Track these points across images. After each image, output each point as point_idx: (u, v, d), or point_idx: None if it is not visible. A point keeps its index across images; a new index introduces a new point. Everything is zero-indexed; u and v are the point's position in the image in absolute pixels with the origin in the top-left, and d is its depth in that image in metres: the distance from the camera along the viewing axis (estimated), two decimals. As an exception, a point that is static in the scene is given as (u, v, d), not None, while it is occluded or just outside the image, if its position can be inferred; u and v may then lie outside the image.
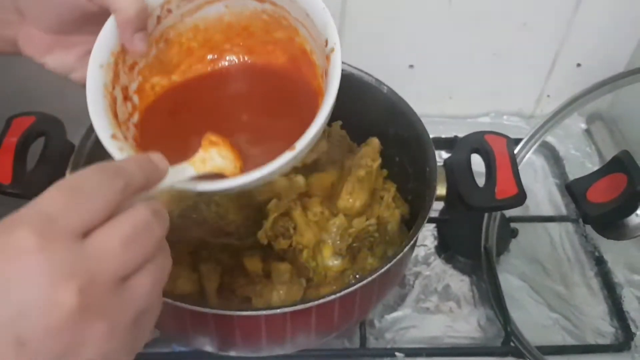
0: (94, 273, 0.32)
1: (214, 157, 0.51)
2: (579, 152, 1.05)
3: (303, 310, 0.59)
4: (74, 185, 0.33)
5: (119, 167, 0.36)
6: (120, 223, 0.34)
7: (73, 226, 0.32)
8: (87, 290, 0.31)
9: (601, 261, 0.89)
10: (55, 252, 0.31)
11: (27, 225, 0.31)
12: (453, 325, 0.83)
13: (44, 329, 0.30)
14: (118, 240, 0.33)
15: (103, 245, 0.33)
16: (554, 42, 1.04)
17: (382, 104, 0.82)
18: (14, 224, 0.31)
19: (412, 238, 0.65)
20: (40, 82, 0.99)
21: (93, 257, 0.32)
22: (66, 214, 0.32)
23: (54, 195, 0.33)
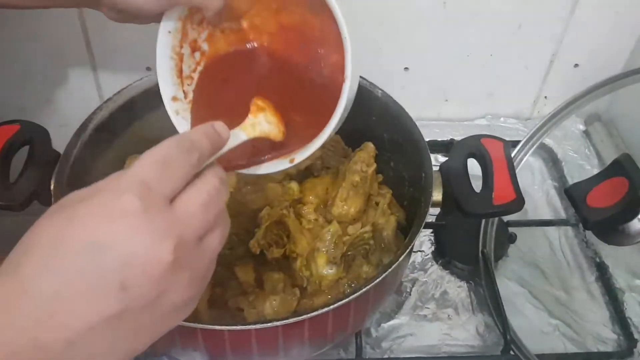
0: (182, 232, 0.38)
1: (262, 122, 0.55)
2: (578, 154, 1.03)
3: (295, 324, 0.57)
4: (162, 158, 0.39)
5: (193, 141, 0.42)
6: (198, 190, 0.40)
7: (165, 193, 0.38)
8: (178, 247, 0.37)
9: (602, 266, 0.88)
10: (155, 214, 0.37)
11: (130, 191, 0.37)
12: (451, 332, 0.81)
13: (146, 278, 0.36)
14: (198, 205, 0.40)
15: (187, 209, 0.39)
16: (551, 43, 1.03)
17: (377, 108, 0.80)
18: (120, 189, 0.37)
19: (408, 246, 0.63)
20: (25, 91, 0.98)
21: (181, 219, 0.38)
22: (160, 182, 0.38)
23: (150, 165, 0.38)
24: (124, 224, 0.36)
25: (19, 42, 0.92)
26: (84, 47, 0.94)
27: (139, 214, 0.36)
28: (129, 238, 0.36)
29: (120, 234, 0.35)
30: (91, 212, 0.36)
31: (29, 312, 0.34)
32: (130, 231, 0.36)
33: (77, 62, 0.96)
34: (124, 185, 0.37)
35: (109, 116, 0.74)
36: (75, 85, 0.98)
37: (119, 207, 0.36)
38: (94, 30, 0.93)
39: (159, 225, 0.37)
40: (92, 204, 0.37)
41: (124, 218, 0.36)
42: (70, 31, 0.92)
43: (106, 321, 0.35)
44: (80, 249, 0.35)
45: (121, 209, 0.36)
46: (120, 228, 0.36)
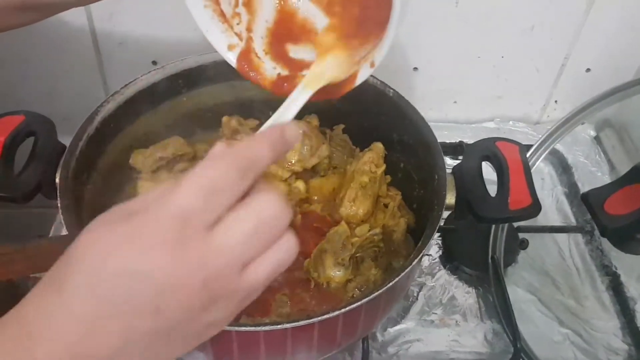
0: (217, 265, 0.37)
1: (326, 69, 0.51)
2: (588, 161, 1.02)
3: (305, 326, 0.56)
4: (211, 186, 0.37)
5: (252, 162, 0.39)
6: (243, 219, 0.38)
7: (206, 223, 0.37)
8: (211, 278, 0.37)
9: (613, 274, 0.86)
10: (191, 245, 0.37)
11: (170, 221, 0.36)
12: (459, 339, 0.80)
13: (177, 304, 0.37)
14: (241, 236, 0.38)
15: (227, 240, 0.37)
16: (563, 47, 1.01)
17: (387, 108, 0.79)
18: (161, 217, 0.37)
19: (422, 250, 0.62)
20: (29, 82, 0.96)
21: (218, 250, 0.37)
22: (203, 213, 0.37)
23: (194, 193, 0.37)
24: (160, 254, 0.36)
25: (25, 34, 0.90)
26: (90, 40, 0.93)
27: (173, 245, 0.36)
28: (163, 268, 0.36)
29: (155, 263, 0.36)
30: (132, 238, 0.37)
31: (71, 328, 0.36)
32: (164, 261, 0.36)
33: (82, 55, 0.94)
34: (164, 210, 0.37)
35: (116, 109, 0.73)
36: (81, 78, 0.97)
37: (157, 235, 0.36)
38: (100, 23, 0.91)
39: (192, 258, 0.37)
40: (134, 227, 0.37)
41: (161, 248, 0.36)
42: (76, 23, 0.91)
43: (141, 338, 0.37)
44: (119, 275, 0.36)
45: (159, 238, 0.36)
46: (156, 257, 0.36)
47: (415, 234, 0.76)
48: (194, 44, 0.61)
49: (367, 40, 0.54)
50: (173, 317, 0.37)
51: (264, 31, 0.57)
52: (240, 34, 0.57)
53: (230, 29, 0.57)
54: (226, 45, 0.56)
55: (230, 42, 0.56)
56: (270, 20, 0.58)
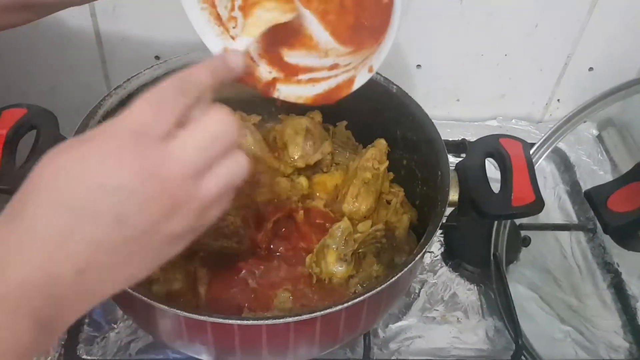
0: (172, 172, 0.40)
1: (261, 15, 0.52)
2: (590, 159, 1.02)
3: (307, 321, 0.56)
4: (158, 99, 0.41)
5: (191, 81, 0.43)
6: (194, 132, 0.41)
7: (158, 133, 0.40)
8: (168, 184, 0.39)
9: (615, 272, 0.86)
10: (146, 153, 0.39)
11: (124, 132, 0.39)
12: (460, 336, 0.80)
13: (136, 211, 0.39)
14: (193, 147, 0.41)
15: (181, 151, 0.40)
16: (566, 45, 1.01)
17: (391, 105, 0.79)
18: (114, 131, 0.40)
19: (424, 246, 0.62)
20: (32, 76, 0.96)
21: (172, 159, 0.40)
22: (152, 124, 0.40)
23: (144, 107, 0.40)
24: (117, 163, 0.38)
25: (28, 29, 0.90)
26: (92, 34, 0.93)
27: (130, 153, 0.39)
28: (120, 176, 0.38)
29: (113, 173, 0.38)
30: (88, 153, 0.39)
31: (40, 248, 0.37)
32: (121, 169, 0.38)
33: (85, 49, 0.94)
34: (119, 127, 0.40)
35: (119, 103, 0.73)
36: (83, 72, 0.97)
37: (113, 147, 0.39)
38: (103, 17, 0.91)
39: (149, 163, 0.39)
40: (90, 146, 0.39)
41: (117, 158, 0.39)
42: (79, 18, 0.91)
43: (108, 250, 0.39)
44: (78, 188, 0.38)
45: (115, 149, 0.39)
46: (113, 167, 0.38)
47: (418, 230, 0.76)
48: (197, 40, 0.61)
49: (361, 47, 0.56)
50: (136, 225, 0.39)
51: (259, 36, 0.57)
52: (236, 37, 0.57)
53: (226, 32, 0.58)
54: (222, 48, 0.57)
55: (226, 45, 0.57)
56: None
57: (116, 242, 0.39)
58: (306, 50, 0.58)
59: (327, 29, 0.57)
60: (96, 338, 0.76)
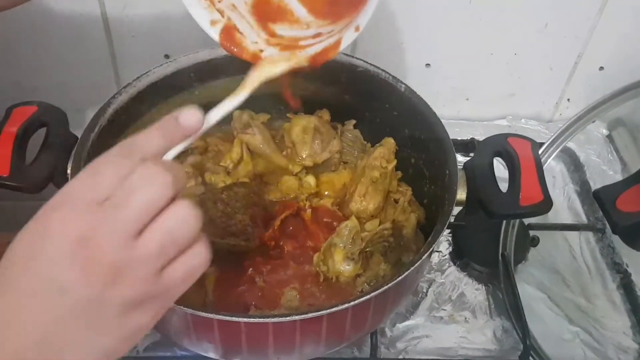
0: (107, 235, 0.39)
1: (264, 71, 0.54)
2: (600, 159, 1.01)
3: (314, 319, 0.56)
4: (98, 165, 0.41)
5: (138, 145, 0.42)
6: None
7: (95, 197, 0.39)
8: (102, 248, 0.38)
9: (624, 272, 0.86)
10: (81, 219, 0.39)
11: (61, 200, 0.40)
12: (468, 336, 0.79)
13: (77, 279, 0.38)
14: (126, 211, 0.39)
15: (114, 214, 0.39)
16: (577, 44, 1.01)
17: (399, 104, 0.79)
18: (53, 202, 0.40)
19: (432, 245, 0.61)
20: (42, 73, 0.97)
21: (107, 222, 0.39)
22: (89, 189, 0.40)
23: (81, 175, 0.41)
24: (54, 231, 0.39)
25: (37, 25, 0.91)
26: (102, 32, 0.93)
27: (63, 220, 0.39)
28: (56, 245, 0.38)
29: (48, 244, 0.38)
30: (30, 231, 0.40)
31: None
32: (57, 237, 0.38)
33: (95, 47, 0.94)
34: (56, 198, 0.40)
35: (128, 101, 0.73)
36: (93, 70, 0.97)
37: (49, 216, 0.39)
38: (113, 15, 0.91)
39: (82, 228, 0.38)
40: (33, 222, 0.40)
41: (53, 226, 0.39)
42: (89, 15, 0.91)
43: (60, 322, 0.39)
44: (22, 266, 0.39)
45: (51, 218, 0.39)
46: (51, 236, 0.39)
47: (426, 229, 0.76)
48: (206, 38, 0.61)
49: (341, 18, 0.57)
50: (78, 293, 0.38)
51: (244, 9, 0.59)
52: (222, 10, 0.58)
53: (212, 5, 0.59)
54: (209, 20, 0.57)
55: (212, 17, 0.58)
56: (248, 1, 0.60)
57: (64, 312, 0.38)
58: (289, 24, 0.60)
59: (305, 6, 0.59)
60: (104, 335, 0.76)
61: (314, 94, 0.84)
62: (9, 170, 0.64)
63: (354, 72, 0.79)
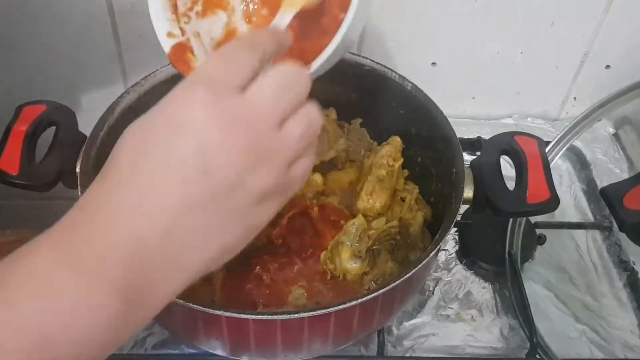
0: (255, 117, 0.39)
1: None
2: (607, 157, 1.01)
3: (322, 316, 0.56)
4: (227, 55, 0.41)
5: (255, 39, 0.43)
6: (268, 78, 0.41)
7: (234, 84, 0.39)
8: (251, 131, 0.39)
9: (631, 270, 0.86)
10: (226, 102, 0.38)
11: (200, 84, 0.38)
12: (474, 334, 0.79)
13: (223, 162, 0.38)
14: (271, 91, 0.40)
15: (259, 96, 0.40)
16: (583, 43, 1.00)
17: (406, 102, 0.79)
18: (190, 84, 0.39)
19: (439, 243, 0.62)
20: (51, 73, 0.97)
21: (253, 104, 0.39)
22: (227, 75, 0.39)
23: (216, 62, 0.41)
24: (198, 113, 0.38)
25: (45, 25, 0.91)
26: (110, 31, 0.93)
27: (210, 103, 0.38)
28: (203, 126, 0.37)
29: (195, 123, 0.37)
30: (167, 116, 0.39)
31: (124, 208, 0.37)
32: (204, 119, 0.37)
33: (103, 46, 0.95)
34: (193, 81, 0.39)
35: (136, 100, 0.73)
36: (101, 70, 0.97)
37: (191, 99, 0.38)
38: (121, 14, 0.92)
39: (230, 111, 0.38)
40: (168, 104, 0.39)
41: (198, 108, 0.38)
42: (96, 15, 0.91)
43: (195, 207, 0.37)
44: (161, 144, 0.38)
45: (194, 100, 0.38)
46: (194, 117, 0.37)
47: (433, 228, 0.76)
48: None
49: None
50: (223, 176, 0.38)
51: (208, 43, 0.59)
52: (184, 30, 0.58)
53: (176, 22, 0.59)
54: (166, 31, 0.57)
55: (171, 30, 0.58)
56: (215, 37, 0.60)
57: (203, 196, 0.37)
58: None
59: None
60: (113, 333, 0.77)
61: (320, 92, 0.83)
62: (18, 168, 0.64)
63: (360, 71, 0.80)
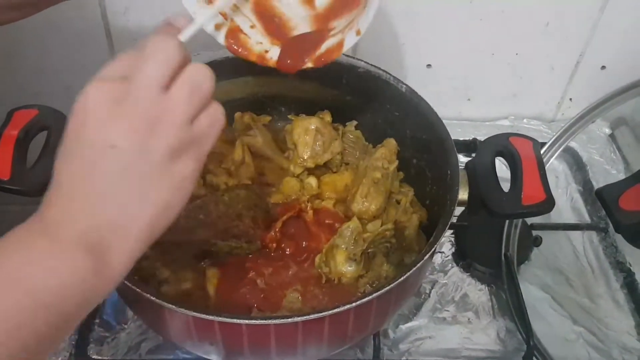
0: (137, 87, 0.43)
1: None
2: (603, 158, 1.00)
3: (316, 320, 0.56)
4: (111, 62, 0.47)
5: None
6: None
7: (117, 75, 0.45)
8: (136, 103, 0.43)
9: (627, 271, 0.85)
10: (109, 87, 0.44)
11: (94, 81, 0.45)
12: (471, 336, 0.79)
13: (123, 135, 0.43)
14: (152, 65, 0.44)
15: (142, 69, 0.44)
16: (578, 44, 1.00)
17: (400, 104, 0.79)
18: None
19: (433, 245, 0.61)
20: (44, 76, 0.97)
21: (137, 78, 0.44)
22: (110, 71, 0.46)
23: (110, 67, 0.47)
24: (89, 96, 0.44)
25: (39, 29, 0.91)
26: (103, 35, 0.93)
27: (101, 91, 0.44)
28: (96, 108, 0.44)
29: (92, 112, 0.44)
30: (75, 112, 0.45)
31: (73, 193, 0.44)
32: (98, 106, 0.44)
33: (97, 51, 0.95)
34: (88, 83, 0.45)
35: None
36: (94, 73, 0.97)
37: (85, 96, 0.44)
38: (114, 18, 0.92)
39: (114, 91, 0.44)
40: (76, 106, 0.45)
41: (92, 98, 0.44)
42: (90, 19, 0.91)
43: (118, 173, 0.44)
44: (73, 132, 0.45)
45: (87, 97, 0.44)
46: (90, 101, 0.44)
47: (428, 230, 0.76)
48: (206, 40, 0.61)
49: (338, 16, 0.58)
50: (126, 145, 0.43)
51: (246, 8, 0.60)
52: (225, 13, 0.59)
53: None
54: (213, 25, 0.58)
55: (216, 21, 0.58)
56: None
57: (118, 167, 0.43)
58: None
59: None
60: (107, 338, 0.76)
61: (315, 95, 0.84)
62: (10, 173, 0.63)
63: (355, 73, 0.80)
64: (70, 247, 0.42)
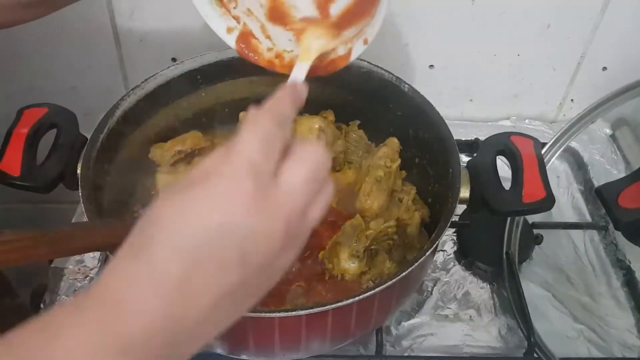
0: (291, 208, 0.40)
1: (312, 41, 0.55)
2: (604, 158, 1.01)
3: (319, 314, 0.57)
4: (264, 136, 0.40)
5: (285, 114, 0.43)
6: (299, 167, 0.41)
7: (271, 170, 0.40)
8: (288, 223, 0.39)
9: (627, 269, 0.86)
10: (267, 194, 0.39)
11: (242, 174, 0.38)
12: (473, 334, 0.80)
13: (262, 254, 0.39)
14: (301, 180, 0.41)
15: (292, 186, 0.40)
16: (580, 45, 1.01)
17: (403, 103, 0.80)
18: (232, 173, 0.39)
19: (435, 242, 0.62)
20: (54, 78, 0.98)
21: (288, 195, 0.40)
22: (266, 162, 0.40)
23: (254, 145, 0.40)
24: (242, 206, 0.38)
25: (47, 30, 0.92)
26: (111, 36, 0.95)
27: (253, 196, 0.38)
28: (247, 218, 0.38)
29: (239, 215, 0.38)
30: (210, 195, 0.38)
31: (160, 294, 0.36)
32: (247, 212, 0.38)
33: (104, 51, 0.96)
34: (235, 168, 0.39)
35: (136, 103, 0.74)
36: (102, 74, 0.99)
37: (234, 190, 0.38)
38: (122, 20, 0.93)
39: (272, 205, 0.39)
40: (209, 187, 0.38)
41: (242, 200, 0.38)
42: (98, 20, 0.93)
43: (229, 293, 0.38)
44: (203, 231, 0.37)
45: (237, 191, 0.38)
46: (239, 210, 0.38)
47: (430, 228, 0.77)
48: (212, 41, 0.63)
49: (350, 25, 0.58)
50: (257, 264, 0.39)
51: (261, 13, 0.60)
52: (238, 17, 0.59)
53: (228, 12, 0.60)
54: (225, 28, 0.59)
55: (228, 25, 0.59)
56: (264, 4, 0.60)
57: (237, 284, 0.39)
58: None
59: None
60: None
61: (318, 95, 0.85)
62: (20, 170, 0.65)
63: (358, 73, 0.80)
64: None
